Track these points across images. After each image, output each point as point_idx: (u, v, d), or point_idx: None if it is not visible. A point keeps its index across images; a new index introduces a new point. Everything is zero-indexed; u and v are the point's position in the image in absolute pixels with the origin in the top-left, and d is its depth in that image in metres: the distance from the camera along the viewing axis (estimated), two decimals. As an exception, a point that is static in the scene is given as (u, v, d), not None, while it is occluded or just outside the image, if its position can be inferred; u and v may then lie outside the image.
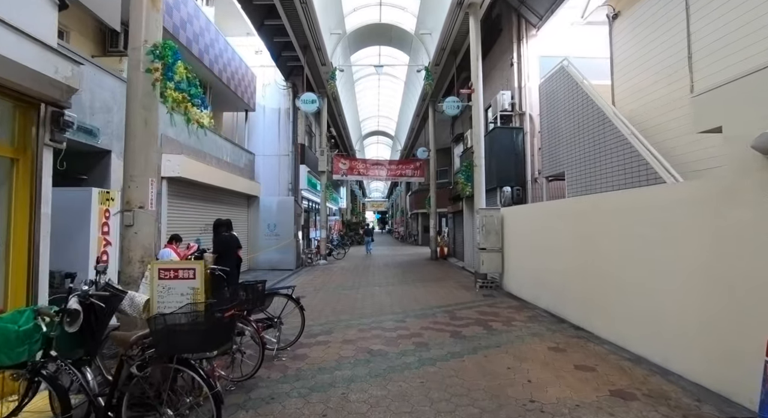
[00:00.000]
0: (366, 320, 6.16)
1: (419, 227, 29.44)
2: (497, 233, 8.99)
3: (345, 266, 14.57)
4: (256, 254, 13.06)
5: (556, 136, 8.47)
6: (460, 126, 15.69)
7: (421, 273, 12.25)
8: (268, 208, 13.39)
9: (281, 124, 14.95)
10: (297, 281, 10.62)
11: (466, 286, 9.59)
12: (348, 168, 16.23)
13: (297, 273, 12.39)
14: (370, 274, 12.09)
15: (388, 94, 22.72)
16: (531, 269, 7.40)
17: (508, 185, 9.76)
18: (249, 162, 13.36)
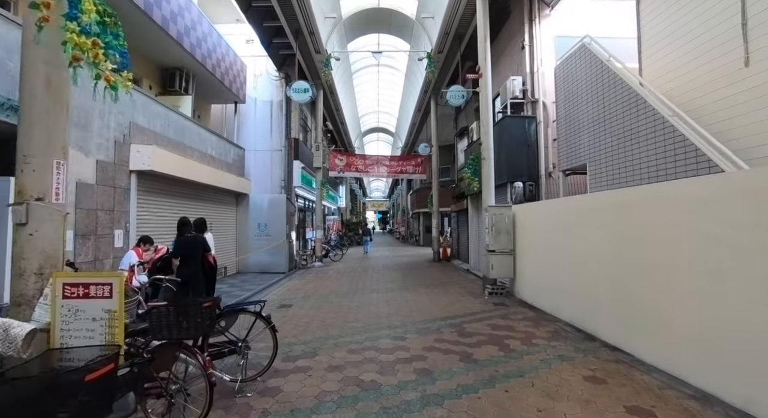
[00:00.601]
0: (359, 336, 5.21)
1: (421, 226, 28.48)
2: (508, 234, 8.04)
3: (341, 268, 13.63)
4: (245, 255, 12.13)
5: (575, 125, 7.51)
6: (464, 119, 14.73)
7: (423, 277, 11.30)
8: (258, 206, 12.46)
9: (274, 117, 14.03)
10: (287, 286, 9.68)
11: (473, 292, 8.64)
12: (345, 164, 15.29)
13: (289, 277, 11.46)
14: (367, 278, 11.15)
15: (388, 88, 21.76)
16: (550, 275, 6.44)
17: (520, 180, 8.81)
18: (238, 157, 12.43)
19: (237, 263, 12.25)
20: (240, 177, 12.17)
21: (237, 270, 12.23)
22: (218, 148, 10.95)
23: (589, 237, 5.23)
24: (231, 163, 11.83)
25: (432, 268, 13.71)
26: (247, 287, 9.35)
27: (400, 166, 15.93)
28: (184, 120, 9.10)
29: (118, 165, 6.74)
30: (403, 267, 13.89)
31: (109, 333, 2.37)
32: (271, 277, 11.20)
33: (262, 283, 10.06)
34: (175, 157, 8.22)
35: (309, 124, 16.55)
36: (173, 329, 2.67)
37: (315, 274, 12.13)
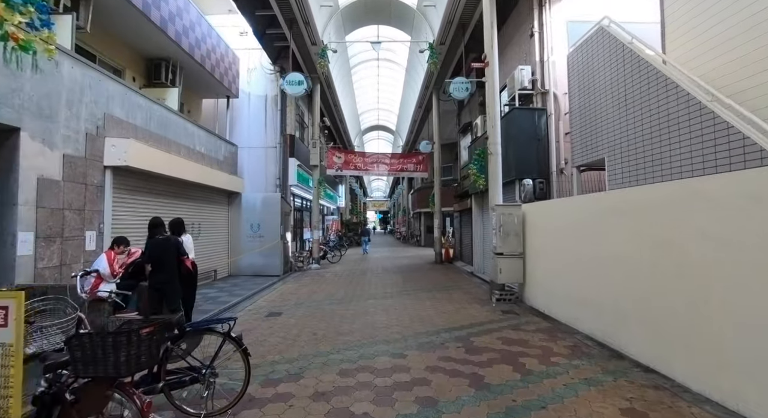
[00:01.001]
0: (352, 353, 4.58)
1: (422, 227, 27.86)
2: (517, 235, 7.41)
3: (339, 271, 13.01)
4: (237, 257, 11.52)
5: (591, 116, 6.87)
6: (467, 115, 14.09)
7: (424, 280, 10.67)
8: (251, 206, 11.85)
9: (268, 112, 13.41)
10: (279, 291, 9.05)
11: (478, 298, 8.01)
12: (343, 162, 14.67)
13: (283, 280, 10.84)
14: (366, 281, 10.52)
15: (388, 84, 21.12)
16: (565, 281, 5.81)
17: (529, 177, 8.18)
18: (230, 154, 11.81)
19: (229, 266, 11.64)
20: (232, 175, 11.56)
21: (229, 273, 11.62)
22: (208, 144, 10.34)
23: (614, 239, 4.59)
24: (222, 160, 11.22)
25: (434, 270, 13.08)
26: (237, 292, 8.74)
27: (400, 165, 15.30)
28: (169, 113, 8.49)
29: (90, 160, 6.12)
30: (403, 269, 13.26)
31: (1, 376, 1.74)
32: (264, 280, 10.59)
33: (253, 287, 9.45)
34: (157, 153, 7.60)
35: (306, 121, 15.93)
36: (102, 364, 2.04)
37: (311, 277, 11.51)
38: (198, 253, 9.81)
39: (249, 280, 10.67)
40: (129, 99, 7.14)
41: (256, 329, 5.67)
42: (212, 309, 6.96)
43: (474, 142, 11.67)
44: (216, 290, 9.03)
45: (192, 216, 9.52)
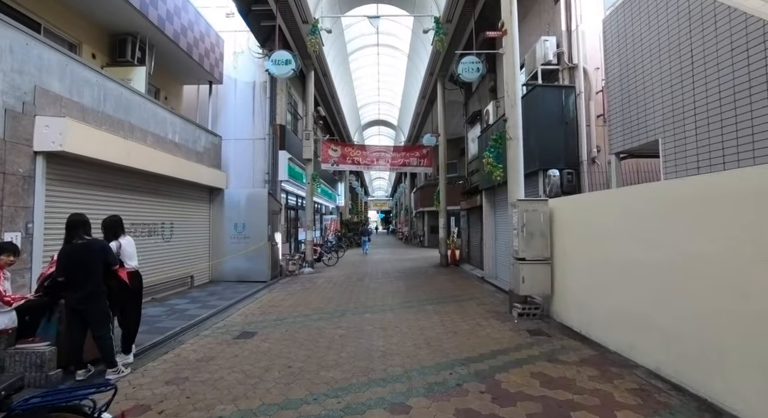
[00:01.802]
0: (334, 402, 3.31)
1: (425, 226, 26.59)
2: (544, 236, 6.12)
3: (335, 276, 11.73)
4: (219, 261, 10.26)
5: (637, 92, 5.57)
6: (476, 103, 12.79)
7: (429, 287, 9.38)
8: (235, 203, 10.59)
9: (256, 100, 12.17)
10: (262, 301, 7.78)
11: (495, 311, 6.72)
12: (340, 156, 13.41)
13: (269, 287, 9.56)
14: (363, 289, 9.24)
15: (389, 73, 19.80)
16: (613, 294, 4.52)
17: (555, 167, 6.88)
18: (212, 146, 10.56)
19: (210, 270, 10.39)
20: (213, 169, 10.31)
21: (210, 278, 10.37)
22: (184, 133, 9.08)
23: (698, 244, 3.30)
24: (202, 152, 9.97)
25: (440, 275, 11.78)
26: (212, 303, 7.49)
27: (402, 158, 14.02)
28: (132, 95, 7.24)
29: (13, 143, 4.87)
30: (406, 274, 11.97)
31: None
32: (248, 287, 9.33)
33: (233, 296, 8.19)
34: (110, 139, 6.34)
35: (299, 112, 14.66)
36: None
37: (302, 283, 10.23)
38: (169, 257, 8.60)
39: (231, 287, 9.41)
40: (72, 72, 5.88)
41: (215, 359, 4.40)
42: (173, 327, 5.70)
43: (485, 131, 10.38)
44: (188, 300, 7.77)
45: (162, 215, 8.26)
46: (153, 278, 7.74)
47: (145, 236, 7.63)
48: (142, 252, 7.45)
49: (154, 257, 7.89)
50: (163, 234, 8.25)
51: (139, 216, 7.49)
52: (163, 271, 8.18)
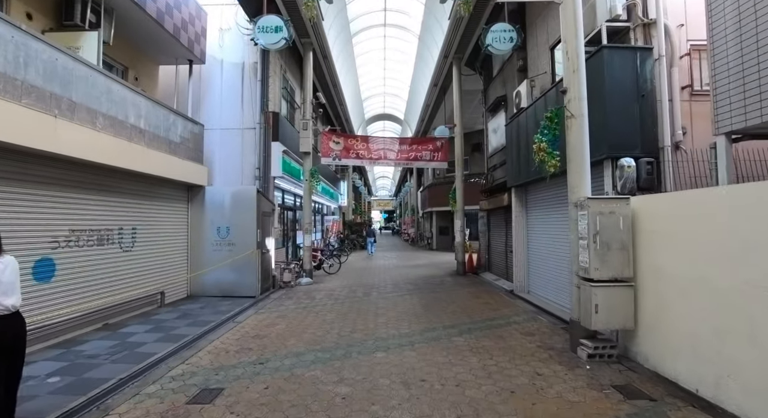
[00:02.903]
0: None
1: (433, 228, 24.88)
2: (623, 249, 4.43)
3: (336, 288, 10.04)
4: (200, 272, 8.59)
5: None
6: (499, 87, 11.08)
7: (453, 306, 7.68)
8: (217, 203, 8.92)
9: (246, 84, 10.51)
10: (242, 330, 6.09)
11: (548, 345, 5.04)
12: (342, 149, 11.74)
13: (256, 306, 7.88)
14: (370, 308, 7.56)
15: (397, 60, 18.04)
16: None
17: (629, 155, 5.16)
18: (192, 136, 8.90)
19: (189, 284, 8.73)
20: (192, 162, 8.65)
21: (189, 293, 8.71)
22: (153, 118, 7.42)
23: None
24: (179, 142, 8.31)
25: (459, 286, 10.07)
26: (179, 331, 5.83)
27: (414, 152, 12.31)
28: (72, 63, 5.56)
29: None
30: (419, 286, 10.26)
31: None
32: (232, 304, 7.68)
33: (211, 318, 6.54)
34: (28, 116, 4.67)
35: (297, 100, 12.98)
36: None
37: (297, 299, 8.54)
38: (129, 271, 6.71)
39: (211, 304, 7.75)
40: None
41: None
42: (107, 378, 4.02)
43: (517, 117, 8.67)
44: (150, 326, 6.11)
45: (119, 218, 6.61)
46: (105, 300, 6.09)
47: (93, 245, 5.97)
48: (87, 266, 5.80)
49: (107, 271, 6.23)
50: (120, 242, 6.59)
51: (84, 220, 5.82)
52: (121, 288, 6.52)
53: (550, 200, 7.59)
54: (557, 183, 7.05)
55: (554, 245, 7.47)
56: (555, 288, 7.46)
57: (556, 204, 7.28)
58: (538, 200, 8.29)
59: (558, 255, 7.31)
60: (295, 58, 12.71)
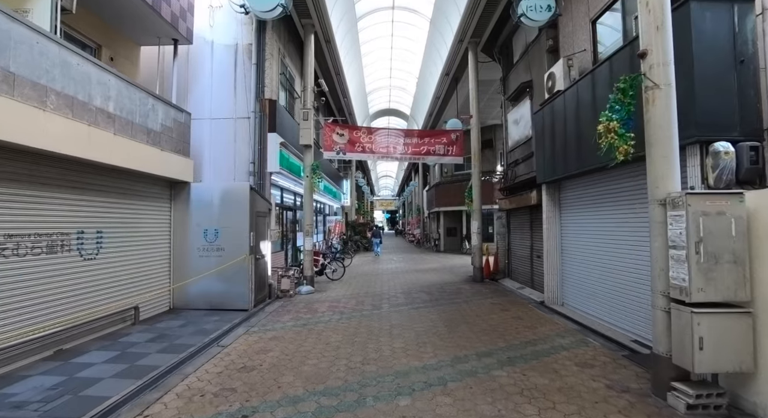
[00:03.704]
0: None
1: (441, 228, 23.69)
2: (738, 263, 3.25)
3: (341, 298, 8.88)
4: (184, 282, 7.44)
5: None
6: (521, 74, 9.89)
7: (482, 324, 6.50)
8: (206, 202, 7.77)
9: (239, 68, 9.35)
10: (229, 356, 4.92)
11: (617, 382, 3.86)
12: (347, 142, 10.57)
13: (249, 320, 6.72)
14: (382, 325, 6.38)
15: (405, 48, 16.81)
16: None
17: (724, 138, 3.97)
18: (176, 125, 7.74)
19: (172, 295, 7.58)
20: (176, 154, 7.50)
21: (171, 306, 7.56)
22: (127, 101, 6.27)
23: None
24: (159, 131, 7.15)
25: (480, 296, 8.88)
26: (147, 360, 4.67)
27: (425, 145, 11.13)
28: (5, 20, 4.39)
29: None
30: (434, 295, 9.09)
31: None
32: (220, 320, 6.53)
33: (190, 340, 5.39)
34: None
35: (297, 89, 11.81)
36: None
37: (296, 313, 7.38)
38: (92, 284, 5.46)
39: (195, 321, 6.59)
40: None
41: None
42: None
43: (549, 102, 7.49)
44: (112, 353, 4.94)
45: (80, 220, 5.46)
46: (58, 320, 4.93)
47: (40, 253, 4.81)
48: (31, 280, 4.63)
49: (61, 285, 5.08)
50: (81, 249, 5.43)
51: (26, 223, 4.66)
52: (80, 305, 5.37)
53: (596, 197, 6.41)
54: (609, 176, 5.88)
55: (599, 251, 6.29)
56: (600, 302, 6.28)
57: (606, 202, 6.10)
58: (577, 198, 7.11)
59: (604, 263, 6.13)
60: (295, 45, 11.56)
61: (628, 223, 5.56)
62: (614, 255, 5.90)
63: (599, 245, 6.35)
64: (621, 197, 5.68)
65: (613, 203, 5.91)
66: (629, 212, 5.51)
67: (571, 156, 6.52)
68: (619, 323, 5.75)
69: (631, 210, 5.48)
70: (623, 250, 5.67)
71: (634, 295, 5.42)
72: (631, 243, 5.47)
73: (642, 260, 5.14)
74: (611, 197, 5.97)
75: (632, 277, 5.46)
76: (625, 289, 5.62)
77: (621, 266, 5.72)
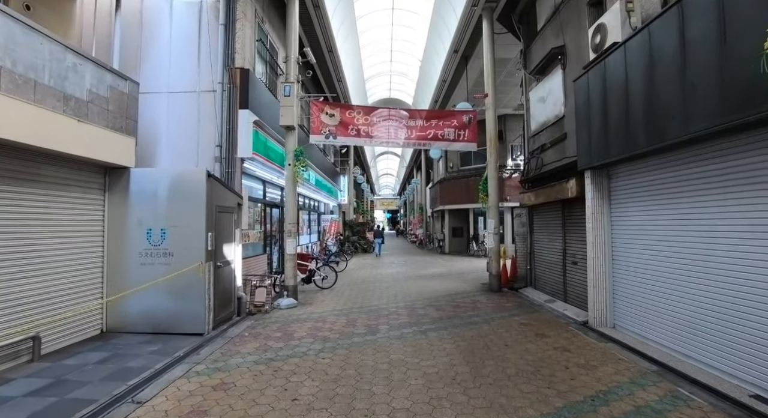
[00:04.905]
0: None
1: (445, 228, 21.92)
2: None
3: (327, 315, 7.11)
4: (116, 297, 5.66)
5: None
6: (552, 37, 8.12)
7: (515, 357, 4.74)
8: (150, 193, 5.99)
9: (204, 32, 7.60)
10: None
11: None
12: (339, 124, 8.79)
13: (196, 355, 4.93)
14: (379, 362, 4.63)
15: (408, 25, 14.95)
16: None
17: None
18: (114, 95, 5.97)
19: (105, 315, 5.81)
20: (112, 132, 5.73)
21: (104, 329, 5.79)
22: (26, 51, 4.50)
23: None
24: (86, 100, 5.40)
25: (504, 313, 7.10)
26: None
27: (432, 129, 9.35)
28: None
29: None
30: (446, 310, 7.32)
31: None
32: (154, 354, 4.77)
33: (95, 392, 3.64)
34: None
35: (281, 64, 10.01)
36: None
37: (263, 341, 5.59)
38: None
39: (121, 355, 4.83)
40: None
41: None
42: None
43: (600, 61, 5.70)
44: None
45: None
46: None
47: None
48: None
49: None
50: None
51: None
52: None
53: (673, 184, 4.63)
54: (704, 151, 4.10)
55: (677, 259, 4.50)
56: (680, 330, 4.49)
57: (693, 189, 4.33)
58: (638, 187, 5.32)
59: (687, 276, 4.35)
60: (278, 11, 9.79)
61: (736, 218, 3.78)
62: (707, 264, 4.12)
63: (676, 249, 4.57)
64: (730, 181, 3.90)
65: (707, 190, 4.13)
66: (742, 203, 3.73)
67: (637, 128, 4.74)
68: (721, 364, 3.97)
69: (744, 199, 3.70)
70: (724, 257, 3.89)
71: (747, 325, 3.64)
72: (741, 248, 3.70)
73: (763, 272, 3.38)
74: (704, 182, 4.18)
75: (744, 298, 3.68)
76: (729, 315, 3.84)
77: (722, 281, 3.94)
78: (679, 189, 4.57)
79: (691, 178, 4.39)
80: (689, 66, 3.89)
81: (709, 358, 4.09)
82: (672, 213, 4.70)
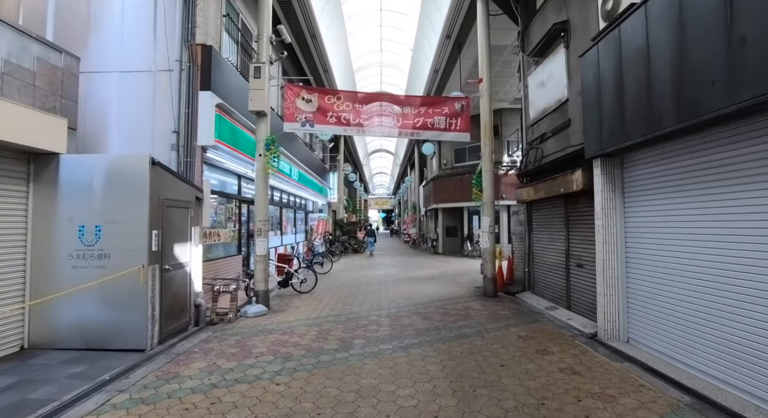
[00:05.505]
0: None
1: (438, 228, 21.09)
2: None
3: (297, 325, 6.23)
4: (46, 301, 4.75)
5: None
6: (554, 12, 7.27)
7: (512, 385, 3.91)
8: (83, 184, 5.08)
9: (160, 4, 6.68)
10: None
11: None
12: (317, 110, 7.90)
13: (126, 378, 4.03)
14: (345, 389, 3.77)
15: (397, 11, 14.10)
16: None
17: None
18: (44, 69, 5.08)
19: (27, 327, 4.89)
20: (38, 112, 4.81)
21: (25, 344, 4.87)
22: None
23: None
24: (3, 72, 4.49)
25: (500, 323, 6.24)
26: None
27: (421, 117, 8.50)
28: None
29: None
30: (434, 319, 6.46)
31: None
32: (71, 380, 3.88)
33: None
34: None
35: (251, 42, 9.07)
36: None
37: (213, 359, 4.69)
38: None
39: (32, 380, 3.92)
40: None
41: None
42: None
43: (606, 34, 4.85)
44: None
45: None
46: None
47: None
48: None
49: None
50: None
51: None
52: None
53: (706, 172, 3.79)
54: (748, 130, 3.26)
55: (723, 262, 3.66)
56: (724, 350, 3.64)
57: (734, 178, 3.49)
58: (658, 176, 4.48)
59: (739, 283, 3.50)
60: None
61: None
62: (754, 270, 3.28)
63: (711, 251, 3.73)
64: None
65: (752, 177, 3.29)
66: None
67: (663, 103, 3.90)
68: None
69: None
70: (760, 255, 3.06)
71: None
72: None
73: None
74: (749, 169, 3.35)
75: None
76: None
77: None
78: (716, 176, 3.73)
79: (730, 163, 3.56)
80: (737, 14, 3.05)
81: (762, 389, 3.25)
82: (704, 206, 3.86)
